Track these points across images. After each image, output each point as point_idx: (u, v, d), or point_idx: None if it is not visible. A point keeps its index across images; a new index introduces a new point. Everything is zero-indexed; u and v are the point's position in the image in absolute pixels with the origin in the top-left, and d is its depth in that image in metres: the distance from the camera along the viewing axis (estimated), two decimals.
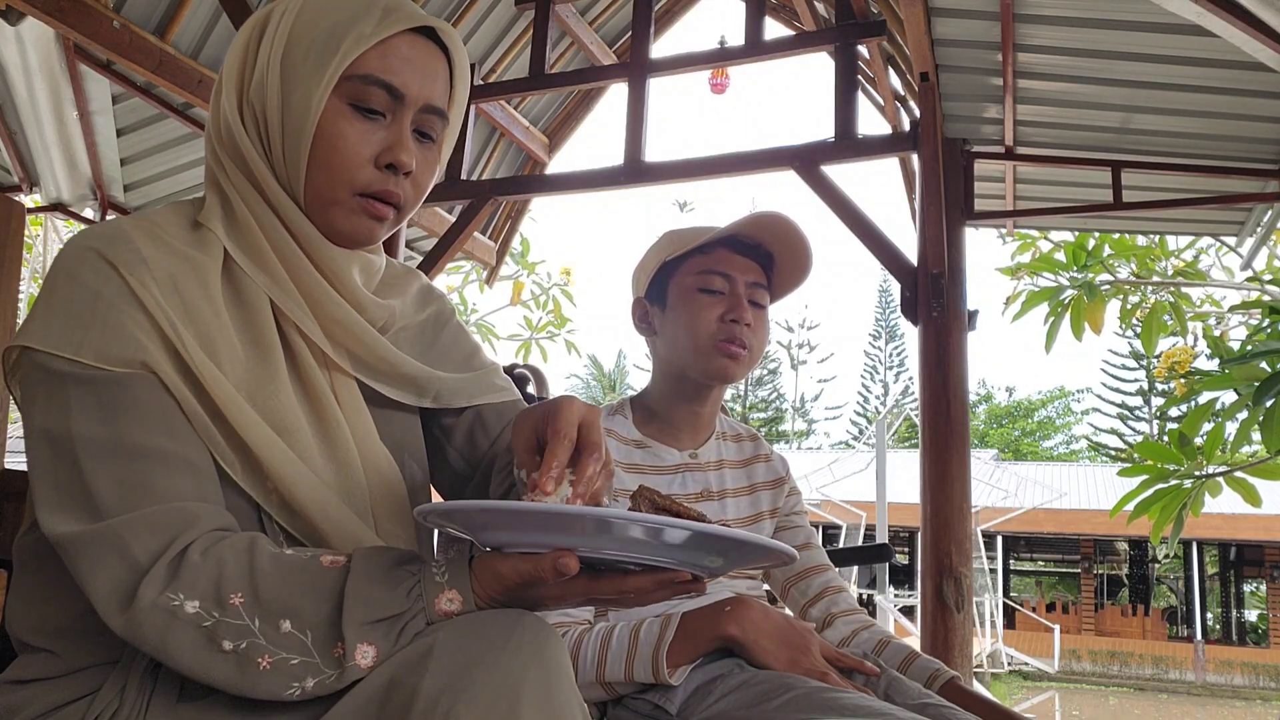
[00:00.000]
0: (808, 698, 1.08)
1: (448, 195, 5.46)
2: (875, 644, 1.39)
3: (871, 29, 4.60)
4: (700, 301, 1.40)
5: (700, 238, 1.42)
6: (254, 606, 0.74)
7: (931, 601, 4.04)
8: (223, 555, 0.77)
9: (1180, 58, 3.74)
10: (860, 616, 1.45)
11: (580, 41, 5.61)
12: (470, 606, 0.76)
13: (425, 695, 0.69)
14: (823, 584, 1.48)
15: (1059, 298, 5.01)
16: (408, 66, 0.92)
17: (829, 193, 4.47)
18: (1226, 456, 3.83)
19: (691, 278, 1.41)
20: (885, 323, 40.48)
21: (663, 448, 1.43)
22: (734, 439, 1.55)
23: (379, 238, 0.97)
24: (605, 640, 1.19)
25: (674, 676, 1.15)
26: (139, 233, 0.88)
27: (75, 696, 0.83)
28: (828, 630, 1.43)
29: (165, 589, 0.75)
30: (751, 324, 1.40)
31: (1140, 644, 20.00)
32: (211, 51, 4.38)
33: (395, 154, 0.91)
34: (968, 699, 1.26)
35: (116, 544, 0.77)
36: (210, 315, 0.87)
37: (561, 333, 8.78)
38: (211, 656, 0.74)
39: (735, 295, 1.40)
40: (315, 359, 0.94)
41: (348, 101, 0.91)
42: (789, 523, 1.54)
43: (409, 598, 0.75)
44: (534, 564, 0.73)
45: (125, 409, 0.81)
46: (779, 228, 1.41)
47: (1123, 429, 35.62)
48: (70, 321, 0.83)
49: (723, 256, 1.41)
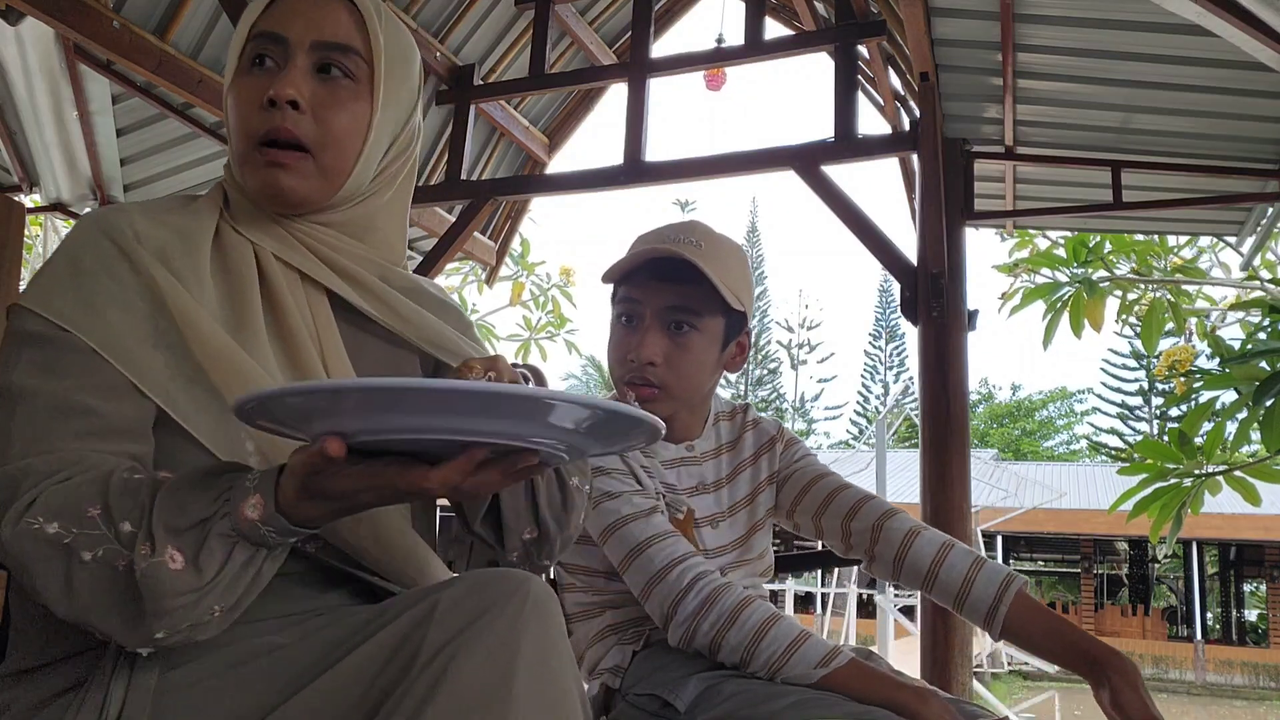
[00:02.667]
0: (816, 700, 1.08)
1: (448, 195, 5.46)
2: (939, 549, 1.37)
3: (871, 29, 4.59)
4: (612, 334, 1.35)
5: (621, 266, 1.32)
6: (106, 516, 0.75)
7: (931, 601, 4.03)
8: (81, 480, 0.78)
9: (1180, 58, 3.73)
10: (906, 517, 1.41)
11: (580, 41, 5.61)
12: (271, 509, 0.73)
13: (428, 647, 0.70)
14: (850, 499, 1.43)
15: (1057, 294, 5.01)
16: (291, 13, 0.94)
17: (829, 193, 4.47)
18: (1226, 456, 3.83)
19: (615, 306, 1.36)
20: (885, 323, 40.47)
21: (661, 443, 1.42)
22: (727, 418, 1.53)
23: (293, 189, 0.93)
24: (771, 621, 1.17)
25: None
26: (137, 210, 0.92)
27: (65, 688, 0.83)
28: (880, 543, 1.39)
29: (26, 514, 0.76)
30: (660, 359, 1.29)
31: (1140, 644, 20.00)
32: (211, 51, 4.37)
33: (273, 89, 0.91)
34: (1033, 612, 1.29)
35: (7, 484, 0.79)
36: (194, 283, 0.90)
37: (561, 333, 8.78)
38: (76, 572, 0.74)
39: (643, 327, 1.31)
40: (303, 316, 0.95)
41: (246, 63, 0.94)
42: (795, 469, 1.49)
43: (215, 503, 0.74)
44: (307, 450, 0.71)
45: (69, 368, 0.84)
46: (660, 252, 1.28)
47: (1123, 429, 35.63)
48: (51, 283, 0.87)
49: (635, 280, 1.32)
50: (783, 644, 1.15)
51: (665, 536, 1.26)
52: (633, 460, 1.34)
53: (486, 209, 5.46)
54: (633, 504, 1.28)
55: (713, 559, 1.38)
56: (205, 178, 5.32)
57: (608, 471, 1.31)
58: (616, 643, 1.34)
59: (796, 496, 1.48)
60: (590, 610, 1.38)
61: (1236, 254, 5.24)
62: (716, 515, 1.43)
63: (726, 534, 1.43)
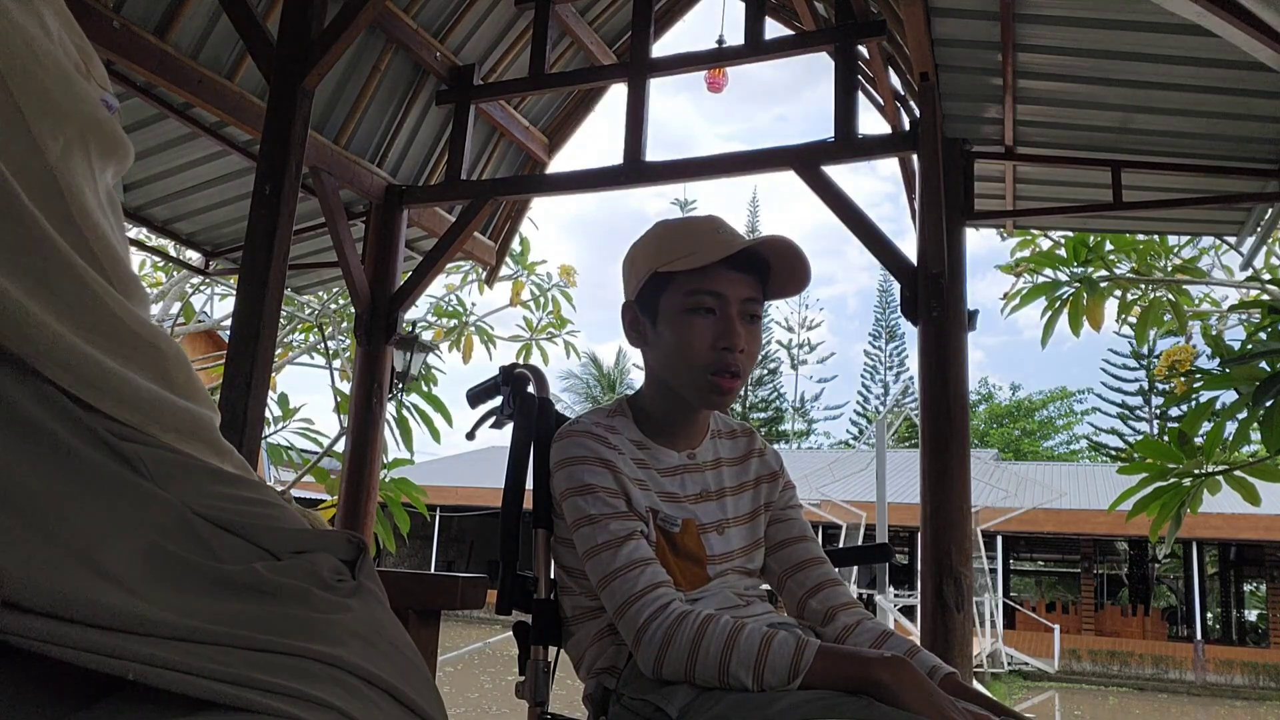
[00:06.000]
0: (809, 703, 1.08)
1: (448, 195, 5.46)
2: (876, 638, 1.38)
3: (871, 29, 4.60)
4: (692, 326, 1.33)
5: (694, 255, 1.33)
6: None
7: (931, 601, 4.03)
8: None
9: (1180, 58, 3.73)
10: (860, 610, 1.44)
11: (580, 41, 5.61)
12: None
13: None
14: (820, 576, 1.46)
15: (1057, 293, 5.01)
16: None
17: (829, 193, 4.47)
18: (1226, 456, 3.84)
19: (683, 297, 1.34)
20: (885, 323, 40.48)
21: (661, 450, 1.43)
22: (729, 435, 1.54)
23: None
24: (732, 640, 1.15)
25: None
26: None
27: None
28: (829, 624, 1.42)
29: None
30: (745, 347, 1.34)
31: (1140, 644, 19.98)
32: (211, 52, 4.38)
33: None
34: (965, 695, 1.26)
35: None
36: None
37: (561, 333, 8.78)
38: None
39: (728, 318, 1.33)
40: None
41: None
42: (784, 516, 1.52)
43: None
44: None
45: None
46: (778, 244, 1.34)
47: (1123, 429, 35.63)
48: None
49: (716, 273, 1.33)
50: (749, 662, 1.14)
51: (632, 568, 1.25)
52: (628, 472, 1.34)
53: (486, 209, 5.47)
54: (609, 531, 1.28)
55: (720, 565, 1.39)
56: (205, 177, 5.32)
57: (594, 490, 1.31)
58: (613, 644, 1.34)
59: (775, 545, 1.50)
60: (589, 613, 1.38)
61: (1238, 254, 5.24)
62: (723, 522, 1.44)
63: (735, 540, 1.43)
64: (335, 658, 0.50)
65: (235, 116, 4.45)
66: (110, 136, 0.56)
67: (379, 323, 5.28)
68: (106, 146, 0.56)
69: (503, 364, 1.64)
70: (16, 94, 0.49)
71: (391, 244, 5.38)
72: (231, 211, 5.64)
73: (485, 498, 22.20)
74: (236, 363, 3.70)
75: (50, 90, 0.51)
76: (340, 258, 5.14)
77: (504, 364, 1.64)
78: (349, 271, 5.15)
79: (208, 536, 0.52)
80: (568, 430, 1.38)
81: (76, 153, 0.53)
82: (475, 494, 22.71)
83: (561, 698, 1.58)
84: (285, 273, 3.85)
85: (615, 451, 1.35)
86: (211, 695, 0.44)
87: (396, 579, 1.60)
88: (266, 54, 3.98)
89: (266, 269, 3.74)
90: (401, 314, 5.36)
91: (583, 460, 1.33)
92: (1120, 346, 35.31)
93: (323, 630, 0.51)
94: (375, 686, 0.51)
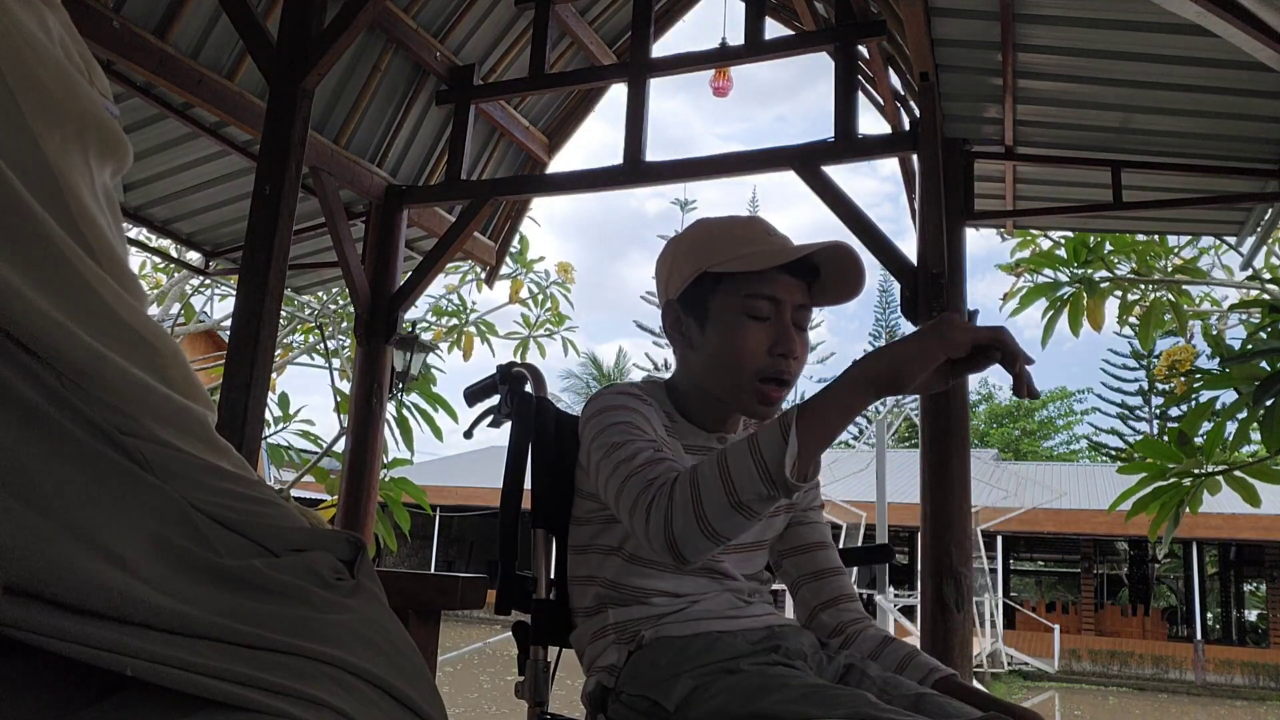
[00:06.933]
0: (805, 696, 1.08)
1: (448, 195, 5.46)
2: (878, 642, 1.39)
3: (871, 29, 4.60)
4: (746, 330, 1.30)
5: (748, 258, 1.29)
6: None
7: (931, 601, 4.03)
8: None
9: (1180, 58, 3.73)
10: (868, 622, 1.44)
11: (580, 41, 5.61)
12: None
13: None
14: (836, 590, 1.45)
15: (1057, 293, 5.02)
16: None
17: (829, 193, 4.47)
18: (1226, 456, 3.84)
19: (736, 299, 1.30)
20: (885, 323, 40.45)
21: (690, 427, 1.40)
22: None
23: None
24: (719, 457, 1.08)
25: (812, 473, 1.09)
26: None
27: None
28: (836, 638, 1.42)
29: None
30: (798, 355, 1.32)
31: (1140, 644, 19.98)
32: (211, 52, 4.37)
33: None
34: (963, 693, 1.26)
35: None
36: None
37: (560, 330, 8.79)
38: None
39: (783, 324, 1.30)
40: None
41: None
42: (806, 519, 1.50)
43: None
44: None
45: None
46: (838, 251, 1.30)
47: (1123, 429, 35.63)
48: None
49: (772, 277, 1.30)
50: (716, 483, 1.07)
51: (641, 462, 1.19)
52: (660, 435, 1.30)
53: (486, 209, 5.47)
54: (631, 449, 1.22)
55: (733, 552, 1.38)
56: (205, 178, 5.32)
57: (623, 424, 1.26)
58: (614, 642, 1.34)
59: (793, 549, 1.49)
60: (592, 608, 1.39)
61: (1238, 254, 5.24)
62: None
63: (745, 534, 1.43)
64: (335, 657, 0.50)
65: (235, 116, 4.45)
66: (110, 135, 0.56)
67: (379, 323, 5.28)
68: (105, 145, 0.56)
69: (500, 363, 1.64)
70: (14, 89, 0.49)
71: (391, 244, 5.38)
72: (231, 211, 5.64)
73: (485, 498, 22.19)
74: (236, 363, 3.70)
75: (49, 87, 0.51)
76: (340, 258, 5.14)
77: (501, 363, 1.64)
78: (349, 271, 5.15)
79: (207, 532, 0.52)
80: (600, 392, 1.36)
81: (74, 149, 0.53)
82: (475, 494, 22.69)
83: (561, 698, 1.58)
84: (285, 273, 3.84)
85: (649, 408, 1.33)
86: (212, 693, 0.44)
87: (396, 579, 1.60)
88: (266, 54, 3.98)
89: (266, 269, 3.74)
90: (401, 314, 5.36)
91: (615, 408, 1.30)
92: (1120, 346, 35.34)
93: (322, 629, 0.51)
94: (375, 686, 0.51)
